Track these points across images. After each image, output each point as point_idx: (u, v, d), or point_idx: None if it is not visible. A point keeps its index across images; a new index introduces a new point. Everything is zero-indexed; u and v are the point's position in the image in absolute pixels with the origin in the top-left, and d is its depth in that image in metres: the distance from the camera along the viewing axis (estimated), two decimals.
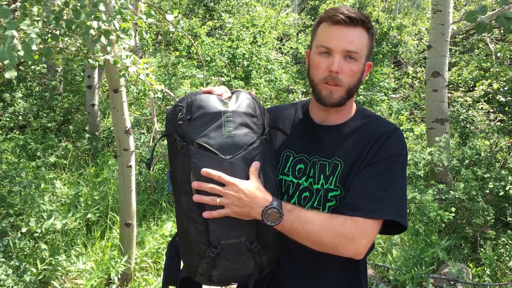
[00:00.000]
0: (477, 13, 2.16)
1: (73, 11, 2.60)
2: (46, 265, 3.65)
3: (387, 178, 1.36)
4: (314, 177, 1.44)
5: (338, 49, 1.37)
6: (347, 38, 1.37)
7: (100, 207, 4.70)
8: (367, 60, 1.45)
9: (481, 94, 6.14)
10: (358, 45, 1.38)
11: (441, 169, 4.97)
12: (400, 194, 1.37)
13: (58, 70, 7.95)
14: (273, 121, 1.55)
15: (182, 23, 3.02)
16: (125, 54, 2.98)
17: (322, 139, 1.47)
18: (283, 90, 7.85)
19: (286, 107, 1.62)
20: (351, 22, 1.36)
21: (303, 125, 1.53)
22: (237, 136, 1.25)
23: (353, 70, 1.39)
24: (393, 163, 1.38)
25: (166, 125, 1.34)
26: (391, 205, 1.33)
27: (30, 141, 6.18)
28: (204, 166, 1.22)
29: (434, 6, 5.23)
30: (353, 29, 1.37)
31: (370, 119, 1.50)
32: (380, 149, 1.39)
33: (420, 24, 11.11)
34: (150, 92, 3.32)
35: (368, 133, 1.44)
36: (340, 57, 1.37)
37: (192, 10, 12.19)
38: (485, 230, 4.49)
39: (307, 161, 1.47)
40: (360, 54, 1.39)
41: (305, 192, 1.44)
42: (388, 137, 1.41)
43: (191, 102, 1.28)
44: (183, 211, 1.28)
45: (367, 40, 1.41)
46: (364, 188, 1.35)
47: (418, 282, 3.74)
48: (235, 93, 1.34)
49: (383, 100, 7.50)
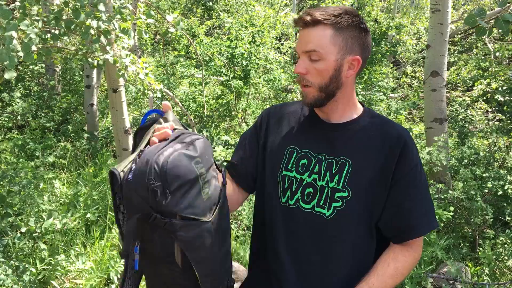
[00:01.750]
0: (476, 16, 2.16)
1: (73, 11, 2.60)
2: (45, 265, 3.65)
3: (420, 189, 1.43)
4: (319, 174, 1.42)
5: (300, 52, 1.40)
6: (304, 39, 1.38)
7: (99, 207, 4.70)
8: (348, 54, 1.39)
9: (479, 93, 6.16)
10: (316, 43, 1.36)
11: (439, 168, 4.98)
12: (431, 201, 1.48)
13: (57, 70, 7.95)
14: (279, 116, 1.57)
15: (182, 24, 3.03)
16: (124, 53, 2.99)
17: (328, 136, 1.46)
18: (282, 89, 7.85)
19: (292, 104, 1.61)
20: (306, 24, 1.37)
21: (308, 121, 1.52)
22: (213, 194, 1.22)
23: (319, 69, 1.38)
24: (419, 172, 1.43)
25: (133, 201, 1.13)
26: (432, 214, 1.45)
27: (29, 141, 6.18)
28: (191, 235, 1.16)
29: (432, 5, 5.23)
30: (311, 29, 1.37)
31: (378, 120, 1.49)
32: (404, 160, 1.40)
33: (418, 24, 11.12)
34: (149, 92, 3.32)
35: (381, 135, 1.43)
36: (304, 58, 1.39)
37: (191, 10, 12.19)
38: (483, 230, 4.50)
39: (311, 157, 1.45)
40: (322, 52, 1.36)
41: (308, 188, 1.43)
42: (405, 144, 1.42)
43: (163, 171, 1.10)
44: (166, 282, 1.25)
45: (330, 35, 1.35)
46: (408, 207, 1.42)
47: (417, 281, 3.75)
48: (187, 137, 1.21)
49: (382, 99, 7.50)
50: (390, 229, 1.44)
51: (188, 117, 5.73)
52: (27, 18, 2.49)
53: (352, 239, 1.41)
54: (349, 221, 1.39)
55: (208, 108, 7.14)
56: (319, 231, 1.40)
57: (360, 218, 1.40)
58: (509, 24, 2.22)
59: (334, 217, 1.39)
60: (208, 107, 7.16)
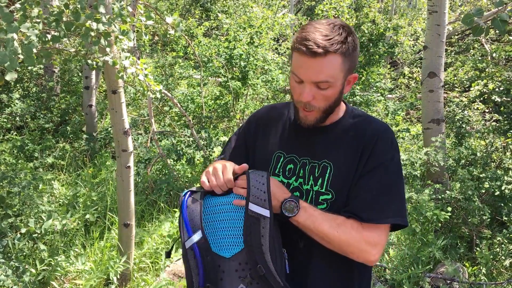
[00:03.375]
0: (473, 15, 2.19)
1: (73, 13, 2.62)
2: (45, 265, 3.66)
3: (384, 185, 1.40)
4: (304, 178, 1.46)
5: (307, 81, 1.35)
6: (314, 70, 1.33)
7: (98, 208, 4.71)
8: (348, 75, 1.40)
9: (476, 94, 6.17)
10: (327, 74, 1.33)
11: (437, 169, 5.01)
12: (398, 198, 1.41)
13: (55, 71, 7.95)
14: (266, 121, 1.60)
15: (181, 25, 3.04)
16: (124, 55, 3.00)
17: (311, 140, 1.49)
18: (280, 90, 7.87)
19: (280, 107, 1.63)
20: (316, 54, 1.30)
21: (294, 125, 1.54)
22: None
23: (326, 95, 1.38)
24: (387, 169, 1.41)
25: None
26: (391, 210, 1.39)
27: (28, 142, 6.18)
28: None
29: (430, 7, 5.26)
30: (321, 59, 1.31)
31: (359, 119, 1.51)
32: (372, 155, 1.41)
33: (416, 25, 11.16)
34: (149, 93, 3.34)
35: (358, 134, 1.46)
36: (311, 86, 1.36)
37: (189, 11, 12.20)
38: (481, 230, 4.52)
39: (296, 161, 1.49)
40: (332, 81, 1.35)
41: (295, 192, 1.46)
42: (377, 140, 1.43)
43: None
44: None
45: (340, 63, 1.34)
46: (361, 197, 1.39)
47: (415, 281, 3.77)
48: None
49: (379, 100, 7.53)
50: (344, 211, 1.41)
51: (187, 118, 5.74)
52: (28, 20, 2.51)
53: None
54: None
55: (206, 109, 7.16)
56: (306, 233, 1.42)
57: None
58: (505, 24, 2.24)
59: None
60: (206, 108, 7.17)
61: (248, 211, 1.31)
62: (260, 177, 1.35)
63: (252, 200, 1.31)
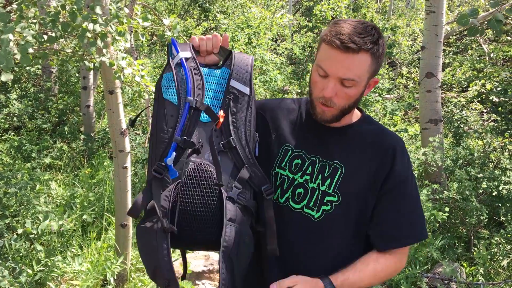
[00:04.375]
0: (469, 16, 2.19)
1: (70, 14, 2.61)
2: (42, 266, 3.66)
3: (409, 202, 1.45)
4: (311, 175, 1.43)
5: (333, 75, 1.31)
6: (343, 65, 1.30)
7: (95, 208, 4.70)
8: (372, 77, 1.39)
9: (474, 94, 6.18)
10: (355, 72, 1.31)
11: (435, 169, 5.01)
12: (421, 213, 1.48)
13: (53, 71, 7.94)
14: (277, 112, 1.55)
15: (178, 27, 3.04)
16: (120, 56, 3.00)
17: (325, 139, 1.47)
18: (278, 90, 7.86)
19: (291, 102, 1.59)
20: (348, 49, 1.27)
21: (306, 122, 1.51)
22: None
23: (349, 94, 1.35)
24: (410, 184, 1.45)
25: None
26: (418, 227, 1.46)
27: (25, 142, 6.17)
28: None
29: (427, 7, 5.26)
30: (352, 55, 1.28)
31: (375, 128, 1.50)
32: (392, 172, 1.42)
33: (414, 25, 11.16)
34: (145, 94, 3.34)
35: (375, 143, 1.45)
36: (336, 82, 1.32)
37: (187, 11, 12.19)
38: (478, 230, 4.53)
39: (305, 158, 1.46)
40: (358, 80, 1.33)
41: (299, 188, 1.44)
42: (395, 155, 1.43)
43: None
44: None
45: (369, 64, 1.32)
46: (392, 217, 1.43)
47: (412, 281, 3.77)
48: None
49: (377, 100, 7.53)
50: (375, 237, 1.45)
51: None
52: (24, 21, 2.51)
53: (338, 243, 1.43)
54: (336, 225, 1.41)
55: None
56: (306, 232, 1.42)
57: (348, 224, 1.42)
58: (501, 24, 2.25)
59: (322, 220, 1.41)
60: None
61: (229, 86, 1.35)
62: (245, 59, 1.40)
63: (234, 77, 1.36)
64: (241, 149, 1.33)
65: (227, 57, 1.42)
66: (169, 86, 1.33)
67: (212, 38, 1.40)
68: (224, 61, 1.43)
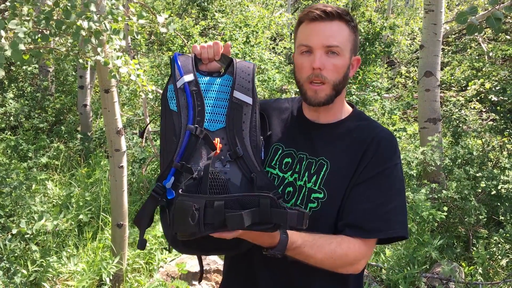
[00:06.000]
0: (467, 14, 2.16)
1: (64, 11, 2.58)
2: (37, 266, 3.63)
3: (385, 193, 1.36)
4: (299, 173, 1.43)
5: (318, 46, 1.35)
6: (325, 33, 1.35)
7: (92, 208, 4.68)
8: (353, 54, 1.42)
9: (473, 93, 6.15)
10: (338, 38, 1.35)
11: (433, 168, 4.99)
12: (399, 208, 1.37)
13: (50, 71, 7.91)
14: (270, 112, 1.56)
15: (173, 24, 3.01)
16: (116, 54, 2.96)
17: (313, 136, 1.46)
18: (277, 90, 7.84)
19: (284, 101, 1.61)
20: (327, 16, 1.34)
21: (296, 120, 1.52)
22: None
23: (336, 65, 1.36)
24: (389, 175, 1.37)
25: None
26: (392, 222, 1.35)
27: (22, 142, 6.14)
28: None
29: (426, 6, 5.25)
30: (330, 23, 1.35)
31: (364, 123, 1.47)
32: (375, 160, 1.37)
33: (413, 24, 11.14)
34: (141, 93, 3.30)
35: (361, 138, 1.41)
36: (322, 53, 1.35)
37: (185, 10, 12.16)
38: (477, 229, 4.51)
39: (294, 156, 1.45)
40: (342, 48, 1.36)
41: (289, 187, 1.43)
42: (380, 146, 1.38)
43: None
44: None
45: (348, 33, 1.38)
46: (363, 207, 1.34)
47: (411, 281, 3.75)
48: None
49: (376, 100, 7.50)
50: (343, 225, 1.37)
51: None
52: (17, 18, 2.47)
53: None
54: (323, 222, 1.37)
55: None
56: None
57: (335, 220, 1.38)
58: (499, 22, 2.22)
59: (309, 218, 1.37)
60: None
61: (233, 98, 1.37)
62: (246, 68, 1.41)
63: (237, 88, 1.38)
64: (247, 157, 1.35)
65: (228, 64, 1.44)
66: (174, 97, 1.38)
67: (213, 45, 1.41)
68: (226, 68, 1.45)
